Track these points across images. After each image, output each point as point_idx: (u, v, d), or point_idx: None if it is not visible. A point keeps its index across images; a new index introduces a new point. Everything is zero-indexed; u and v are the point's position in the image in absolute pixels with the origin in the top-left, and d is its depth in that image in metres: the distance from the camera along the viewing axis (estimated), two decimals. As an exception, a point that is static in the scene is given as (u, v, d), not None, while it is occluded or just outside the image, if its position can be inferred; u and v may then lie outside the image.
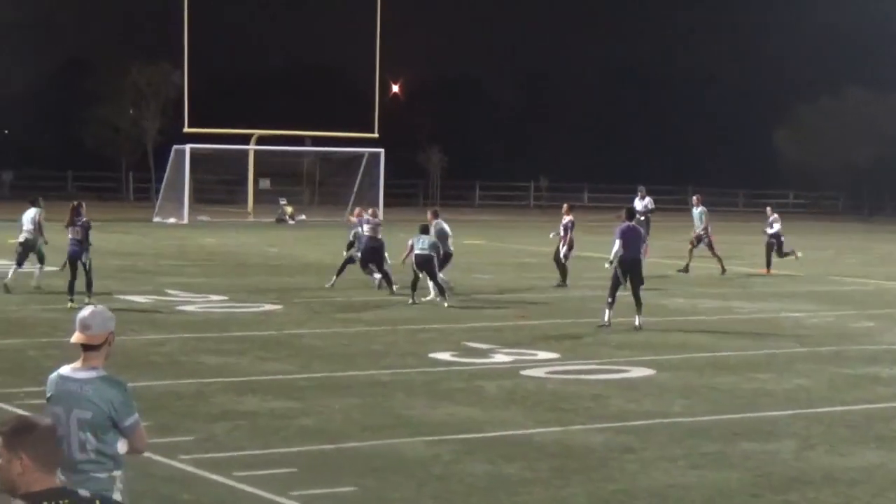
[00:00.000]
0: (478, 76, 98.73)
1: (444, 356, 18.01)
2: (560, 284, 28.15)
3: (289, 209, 56.72)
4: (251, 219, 57.61)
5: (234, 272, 30.76)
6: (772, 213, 33.57)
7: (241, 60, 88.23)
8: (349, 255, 27.02)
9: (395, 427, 13.23)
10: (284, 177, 64.51)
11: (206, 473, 11.21)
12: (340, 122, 60.95)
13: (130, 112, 74.35)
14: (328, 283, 26.57)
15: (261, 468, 11.40)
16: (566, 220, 28.44)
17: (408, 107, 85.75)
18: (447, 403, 14.54)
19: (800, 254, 33.75)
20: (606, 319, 21.36)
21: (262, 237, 44.93)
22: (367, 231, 26.36)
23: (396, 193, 66.29)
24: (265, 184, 63.80)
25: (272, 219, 55.71)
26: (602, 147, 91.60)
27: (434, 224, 26.20)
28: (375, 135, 59.24)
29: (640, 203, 37.33)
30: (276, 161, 63.77)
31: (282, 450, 12.17)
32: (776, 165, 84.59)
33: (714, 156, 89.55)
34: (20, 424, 4.76)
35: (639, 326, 21.20)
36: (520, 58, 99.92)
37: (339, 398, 14.72)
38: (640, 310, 21.39)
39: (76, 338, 6.94)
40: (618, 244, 21.62)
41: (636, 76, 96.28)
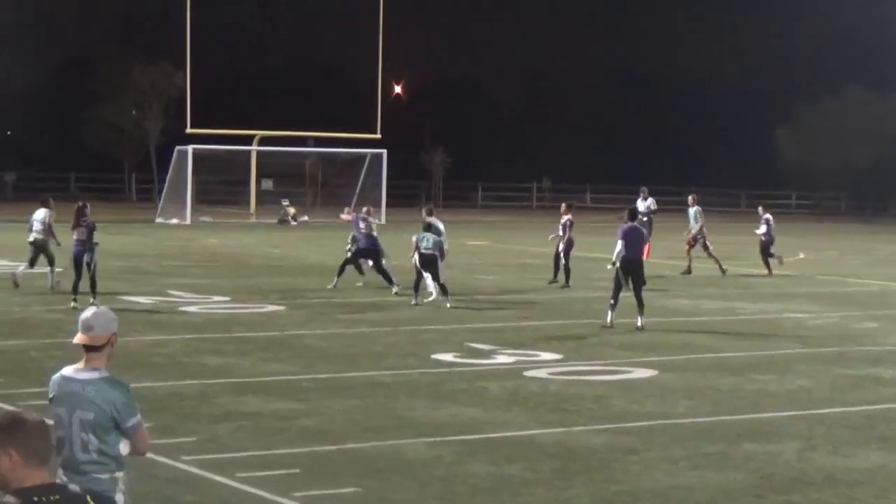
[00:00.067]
0: (478, 76, 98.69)
1: (447, 357, 18.01)
2: (553, 282, 28.23)
3: (291, 210, 56.66)
4: (254, 220, 57.57)
5: (237, 273, 30.75)
6: (764, 213, 32.86)
7: (244, 61, 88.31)
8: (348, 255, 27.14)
9: (398, 428, 13.23)
10: (287, 178, 64.34)
11: (209, 474, 11.22)
12: (343, 123, 60.87)
13: (133, 113, 74.30)
14: (330, 285, 26.58)
15: (263, 469, 11.41)
16: (565, 219, 28.48)
17: (409, 107, 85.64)
18: (449, 404, 14.54)
19: (785, 260, 32.98)
20: (609, 321, 21.36)
21: (265, 238, 44.90)
22: (363, 229, 26.44)
23: (399, 194, 66.20)
24: (268, 185, 63.75)
25: (275, 220, 55.65)
26: (602, 147, 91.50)
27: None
28: (378, 135, 59.15)
29: (643, 204, 37.25)
30: (279, 162, 63.70)
31: (284, 451, 12.18)
32: (776, 166, 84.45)
33: (714, 156, 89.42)
34: (8, 420, 4.73)
35: (641, 327, 21.20)
36: (520, 58, 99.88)
37: (342, 399, 14.73)
38: (643, 311, 21.38)
39: (79, 339, 6.94)
40: (620, 245, 21.61)
41: (636, 76, 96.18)
